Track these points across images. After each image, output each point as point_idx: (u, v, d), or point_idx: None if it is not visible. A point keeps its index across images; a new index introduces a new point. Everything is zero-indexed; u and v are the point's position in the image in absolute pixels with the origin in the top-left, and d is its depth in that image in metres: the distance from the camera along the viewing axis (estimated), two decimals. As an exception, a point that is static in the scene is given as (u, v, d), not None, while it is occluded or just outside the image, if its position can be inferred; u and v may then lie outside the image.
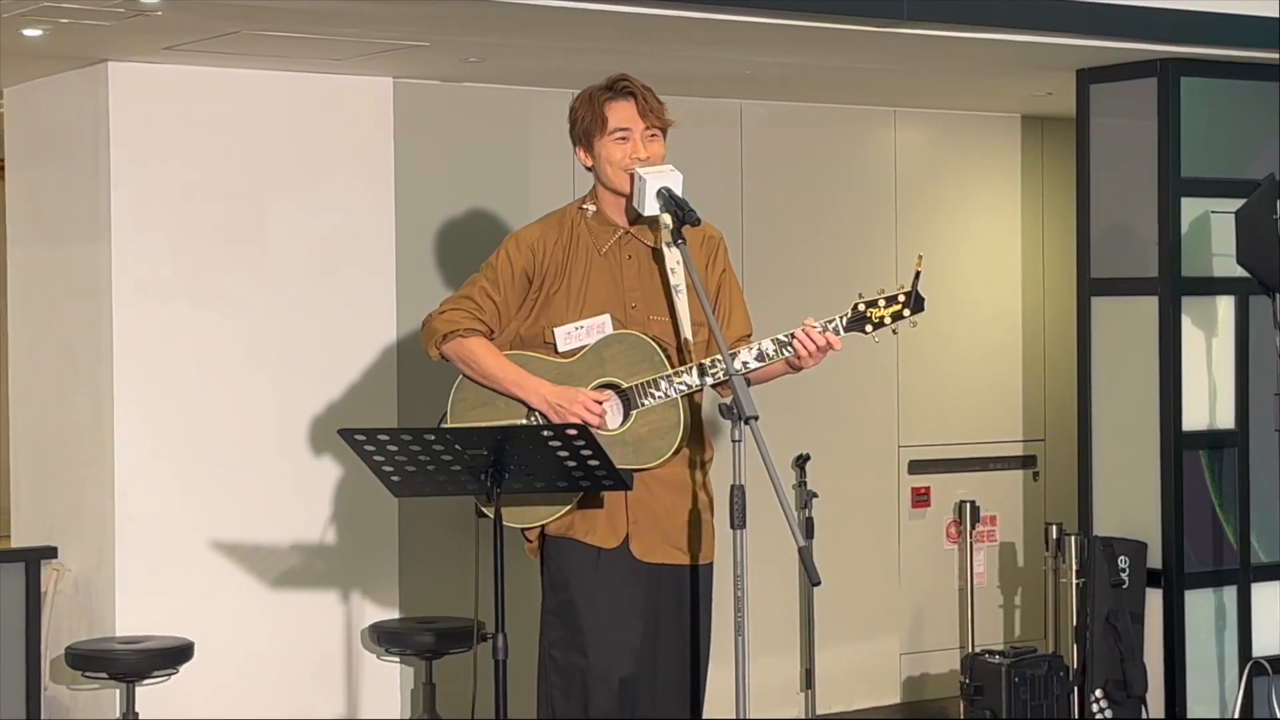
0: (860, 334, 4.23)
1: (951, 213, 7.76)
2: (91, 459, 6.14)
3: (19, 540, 6.49)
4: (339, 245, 6.41)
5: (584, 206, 4.45)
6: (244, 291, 6.25)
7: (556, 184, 6.72)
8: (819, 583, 3.85)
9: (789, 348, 4.20)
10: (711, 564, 4.39)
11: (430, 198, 6.62)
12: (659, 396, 4.23)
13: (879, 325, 4.21)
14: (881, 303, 4.22)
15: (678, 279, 4.33)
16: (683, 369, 4.23)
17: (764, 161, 7.32)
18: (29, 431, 6.53)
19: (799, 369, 4.29)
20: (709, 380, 4.22)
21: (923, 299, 4.20)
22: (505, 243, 4.46)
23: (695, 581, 4.34)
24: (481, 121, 6.74)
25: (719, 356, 4.15)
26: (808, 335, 4.19)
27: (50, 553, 6.24)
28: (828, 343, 4.20)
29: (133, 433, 6.06)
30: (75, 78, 6.16)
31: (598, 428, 4.18)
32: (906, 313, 4.20)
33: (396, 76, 6.48)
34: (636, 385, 4.25)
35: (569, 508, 4.27)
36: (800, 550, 3.82)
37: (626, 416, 4.26)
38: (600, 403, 4.23)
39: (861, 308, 4.22)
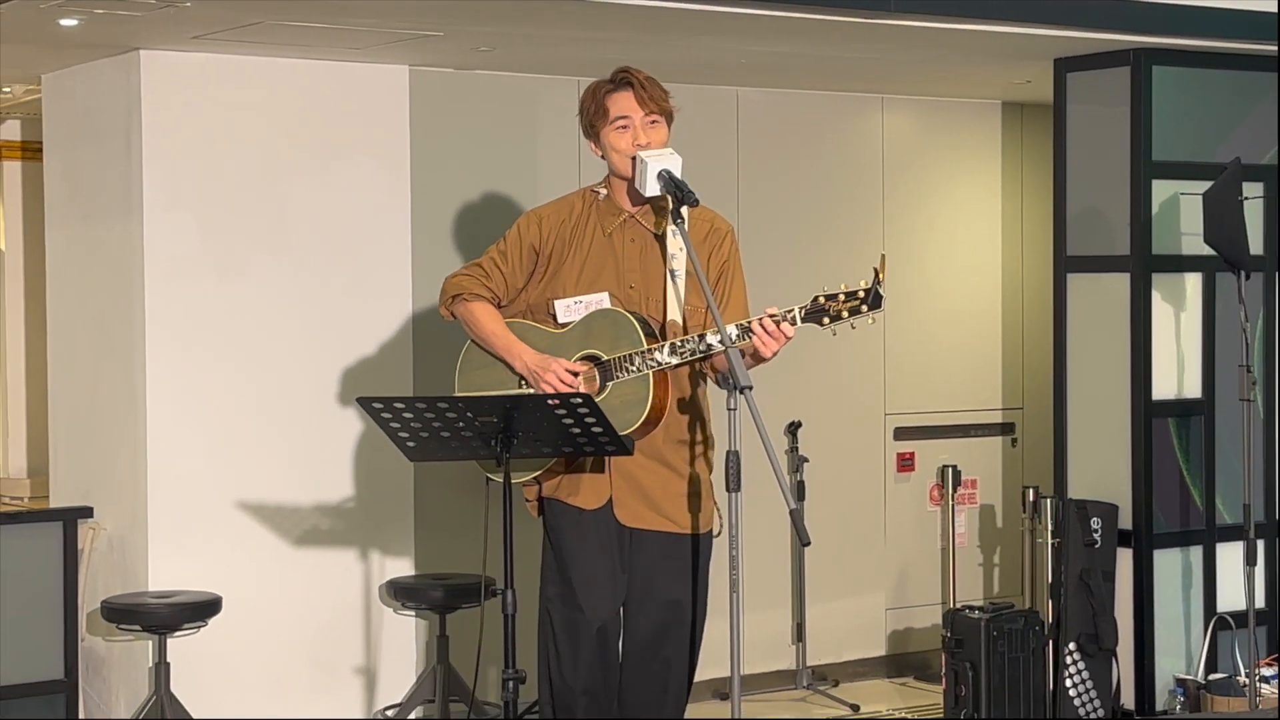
0: (817, 325, 4.21)
1: (935, 194, 7.77)
2: (125, 425, 6.17)
3: (57, 501, 6.51)
4: (357, 224, 6.42)
5: (596, 190, 4.49)
6: (267, 267, 6.27)
7: (563, 166, 6.75)
8: (809, 543, 3.88)
9: (749, 334, 4.19)
10: (710, 533, 4.42)
11: (443, 179, 6.63)
12: (633, 371, 4.25)
13: (836, 319, 4.18)
14: (841, 297, 4.19)
15: (677, 264, 4.35)
16: (655, 346, 4.25)
17: (759, 145, 7.32)
18: (66, 399, 6.55)
19: (761, 359, 4.25)
20: (678, 359, 4.21)
21: (881, 297, 4.15)
22: (519, 219, 4.51)
23: (685, 549, 4.36)
24: (492, 107, 6.75)
25: (688, 337, 4.17)
26: (763, 324, 4.18)
27: (86, 513, 6.27)
28: (783, 331, 4.17)
29: (163, 400, 6.08)
30: (109, 65, 6.17)
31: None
32: (864, 309, 4.17)
33: (412, 65, 6.48)
34: (614, 359, 4.28)
35: (550, 464, 4.30)
36: (792, 513, 3.85)
37: (603, 387, 4.29)
38: (576, 374, 4.27)
39: (821, 300, 4.20)
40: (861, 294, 4.16)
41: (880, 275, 4.12)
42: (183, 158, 6.11)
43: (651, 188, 4.26)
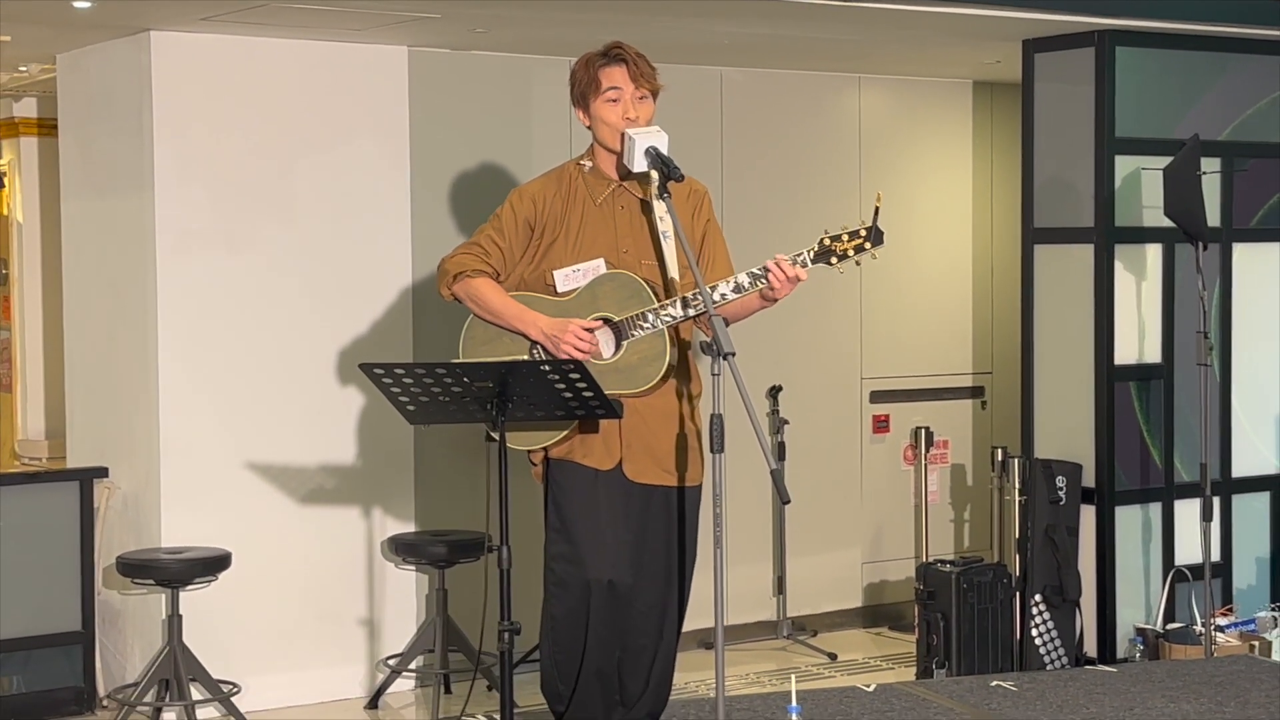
0: (826, 265, 4.21)
1: (909, 169, 7.74)
2: (138, 389, 6.15)
3: (74, 462, 6.49)
4: (359, 198, 6.39)
5: (581, 162, 4.44)
6: (274, 239, 6.24)
7: (555, 141, 6.71)
8: (789, 501, 3.85)
9: (763, 279, 4.19)
10: (700, 485, 4.41)
11: (442, 155, 6.60)
12: (647, 327, 4.23)
13: (843, 258, 4.20)
14: (845, 237, 4.20)
15: (665, 227, 4.31)
16: (668, 302, 4.23)
17: (741, 123, 7.29)
18: (82, 365, 6.53)
19: (773, 300, 4.27)
20: (692, 311, 4.20)
21: (882, 233, 4.18)
22: (510, 196, 4.46)
23: (682, 501, 4.35)
24: (488, 85, 6.71)
25: (699, 290, 4.15)
26: (779, 266, 4.18)
27: (102, 473, 6.25)
28: (796, 274, 4.18)
29: (175, 365, 6.06)
30: (121, 45, 6.13)
31: (589, 355, 4.20)
32: (868, 245, 4.18)
33: (411, 45, 6.44)
34: (627, 318, 4.25)
35: (567, 432, 4.28)
36: (772, 473, 3.83)
37: (619, 347, 4.26)
38: (592, 331, 4.24)
39: (827, 242, 4.21)
40: (863, 232, 4.18)
41: (878, 211, 4.13)
42: (192, 134, 6.07)
43: (639, 164, 4.23)
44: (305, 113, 6.28)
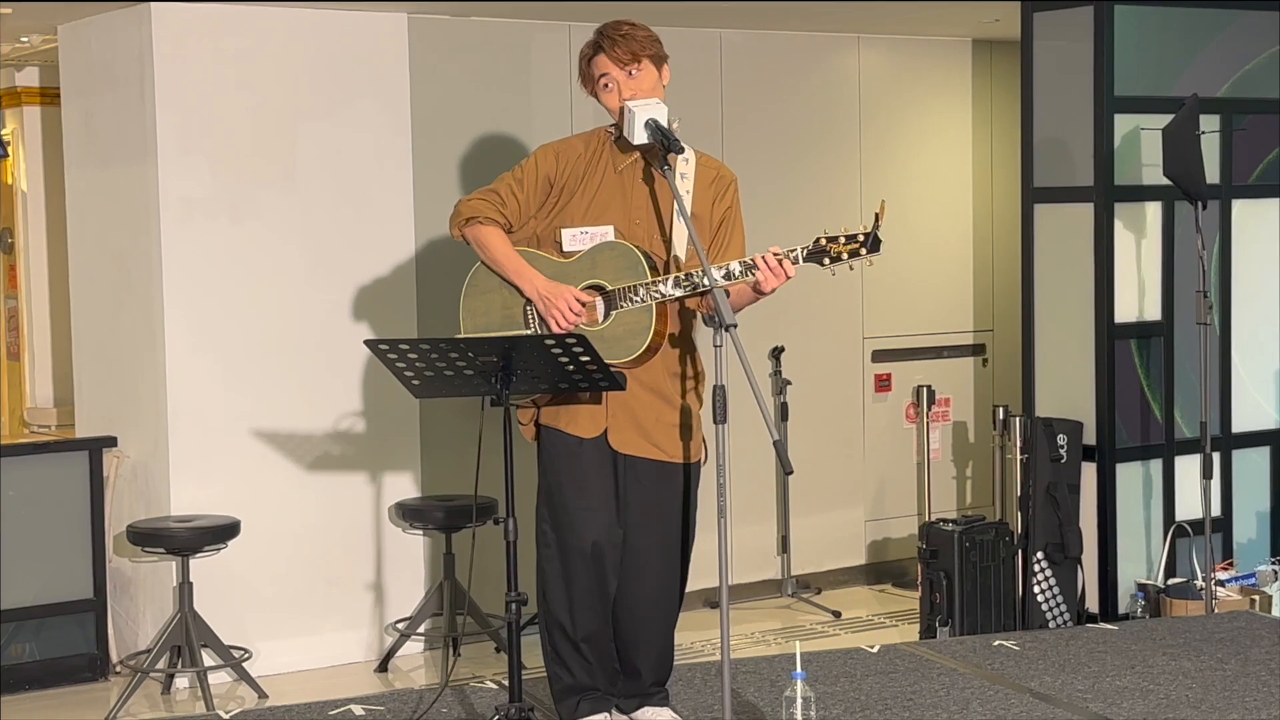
0: (818, 265, 4.19)
1: (909, 128, 7.73)
2: (145, 358, 6.16)
3: (82, 431, 6.51)
4: (361, 164, 6.39)
5: (610, 130, 4.43)
6: (276, 207, 6.25)
7: (556, 106, 6.71)
8: (791, 472, 3.86)
9: (753, 270, 4.16)
10: (698, 463, 4.41)
11: (443, 121, 6.59)
12: (637, 301, 4.23)
13: (836, 260, 4.14)
14: (842, 240, 4.14)
15: (678, 203, 4.31)
16: (659, 279, 4.23)
17: (741, 84, 7.28)
18: (89, 335, 6.54)
19: (761, 293, 4.22)
20: (679, 292, 4.18)
21: (880, 241, 4.09)
22: (536, 150, 4.46)
23: (675, 478, 4.37)
24: (488, 51, 6.70)
25: (693, 271, 4.15)
26: (768, 260, 4.15)
27: (111, 442, 6.27)
28: (783, 269, 4.14)
29: (181, 334, 6.07)
30: (121, 16, 6.12)
31: (574, 326, 4.21)
32: (864, 252, 4.12)
33: (411, 12, 6.43)
34: (619, 289, 4.25)
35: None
36: (775, 444, 3.83)
37: (608, 315, 4.27)
38: (583, 302, 4.25)
39: (823, 242, 4.15)
40: (861, 237, 4.12)
41: (879, 220, 4.09)
42: (194, 104, 6.07)
43: (639, 136, 4.22)
44: (306, 80, 6.27)
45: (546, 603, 4.41)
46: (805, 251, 4.15)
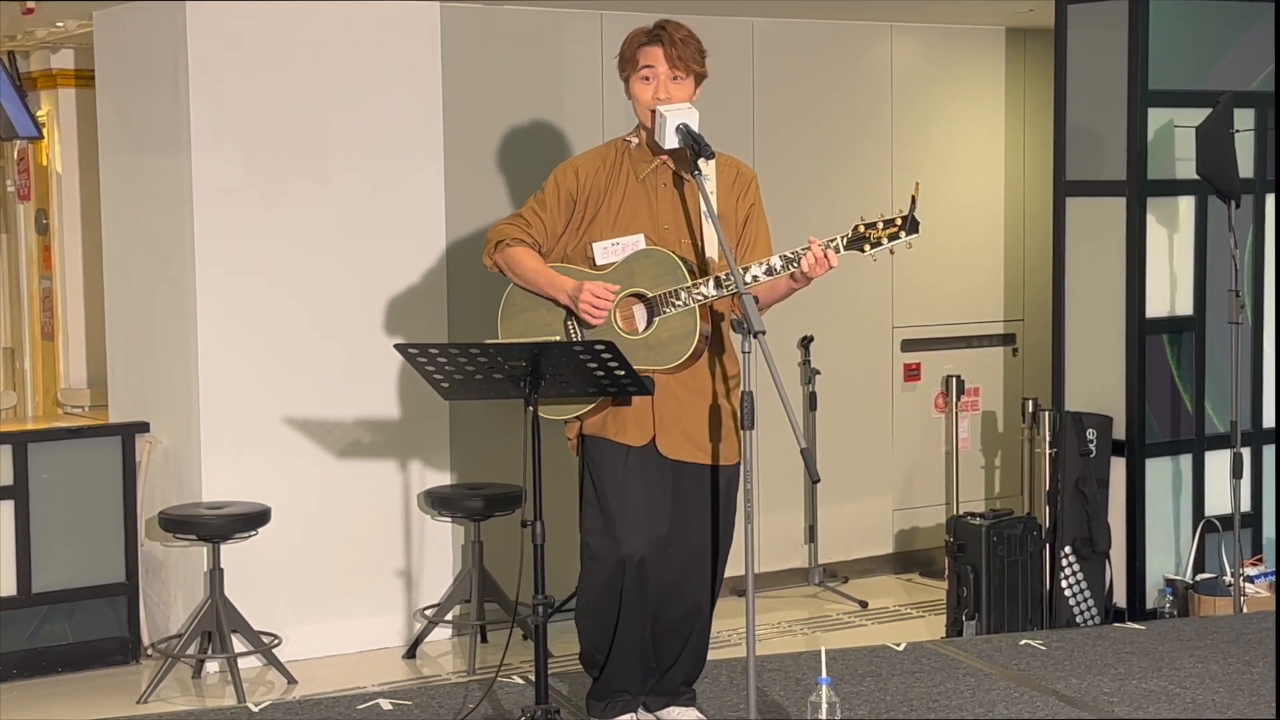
0: (859, 253, 4.19)
1: (942, 118, 7.68)
2: (178, 345, 6.17)
3: (115, 416, 6.53)
4: (393, 154, 6.37)
5: (628, 139, 4.41)
6: (309, 195, 6.24)
7: (587, 95, 6.69)
8: (819, 480, 3.84)
9: (795, 263, 4.16)
10: (736, 465, 4.38)
11: (474, 110, 6.57)
12: (679, 305, 4.22)
13: (876, 245, 4.15)
14: (880, 224, 4.15)
15: (705, 206, 4.29)
16: (700, 280, 4.21)
17: (773, 73, 7.24)
18: (123, 321, 6.55)
19: (805, 282, 4.23)
20: (724, 291, 4.18)
21: (918, 223, 4.11)
22: (555, 170, 4.45)
23: (717, 479, 4.35)
24: (519, 40, 6.67)
25: (731, 271, 4.12)
26: (811, 250, 4.15)
27: (143, 428, 6.29)
28: (828, 259, 4.14)
29: (214, 321, 6.08)
30: (156, 5, 6.11)
31: (603, 312, 4.17)
32: (902, 235, 4.13)
33: (443, 1, 6.40)
34: (660, 295, 4.24)
35: (595, 404, 4.28)
36: (802, 451, 3.80)
37: (650, 323, 4.26)
38: (614, 294, 4.22)
39: (861, 229, 4.16)
40: (899, 220, 4.12)
41: (915, 201, 4.07)
42: (228, 92, 6.06)
43: (670, 140, 4.20)
44: (339, 70, 6.25)
45: (588, 613, 4.37)
46: (845, 240, 4.15)
